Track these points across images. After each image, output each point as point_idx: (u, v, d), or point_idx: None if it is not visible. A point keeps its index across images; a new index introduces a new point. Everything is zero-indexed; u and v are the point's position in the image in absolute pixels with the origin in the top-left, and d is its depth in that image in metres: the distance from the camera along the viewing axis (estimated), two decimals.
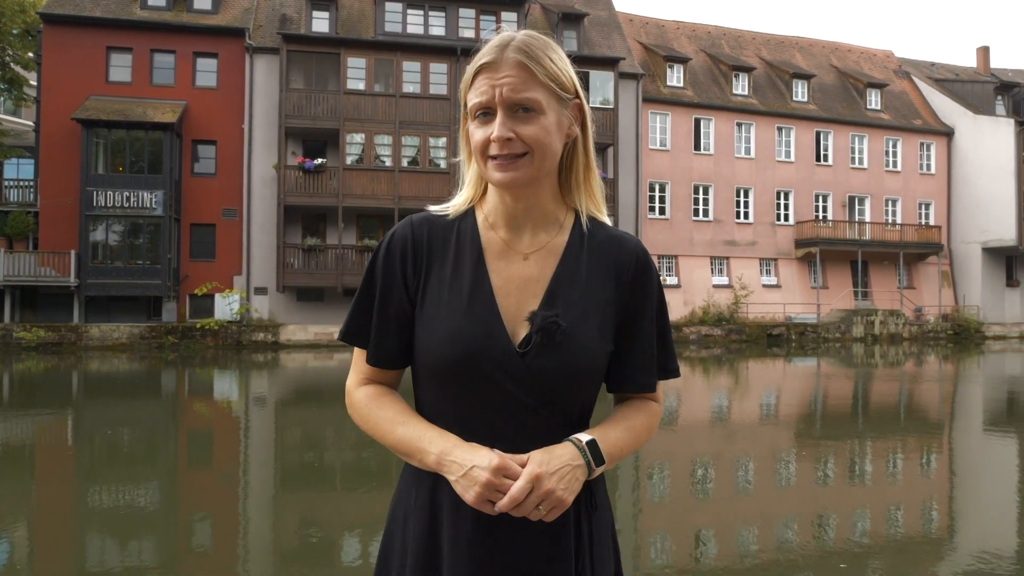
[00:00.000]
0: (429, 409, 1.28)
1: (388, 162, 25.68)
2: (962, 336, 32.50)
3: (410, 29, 26.94)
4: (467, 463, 1.17)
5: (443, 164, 25.87)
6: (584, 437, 1.23)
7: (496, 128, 1.20)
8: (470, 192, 1.33)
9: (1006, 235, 33.73)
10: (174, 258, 24.74)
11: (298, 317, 25.60)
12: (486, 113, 1.22)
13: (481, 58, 1.24)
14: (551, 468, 1.17)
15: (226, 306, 24.59)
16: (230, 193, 25.80)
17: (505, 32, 1.28)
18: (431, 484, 1.26)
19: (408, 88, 26.05)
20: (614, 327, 1.29)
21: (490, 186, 1.30)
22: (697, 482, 7.41)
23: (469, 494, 1.16)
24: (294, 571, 4.77)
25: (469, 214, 1.32)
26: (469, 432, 1.22)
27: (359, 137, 25.63)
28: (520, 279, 1.27)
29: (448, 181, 25.60)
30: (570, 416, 1.27)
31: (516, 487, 1.14)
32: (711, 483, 7.40)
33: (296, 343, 25.07)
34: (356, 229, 26.53)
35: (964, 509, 6.61)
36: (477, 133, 1.24)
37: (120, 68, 25.51)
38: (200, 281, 25.11)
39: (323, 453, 8.98)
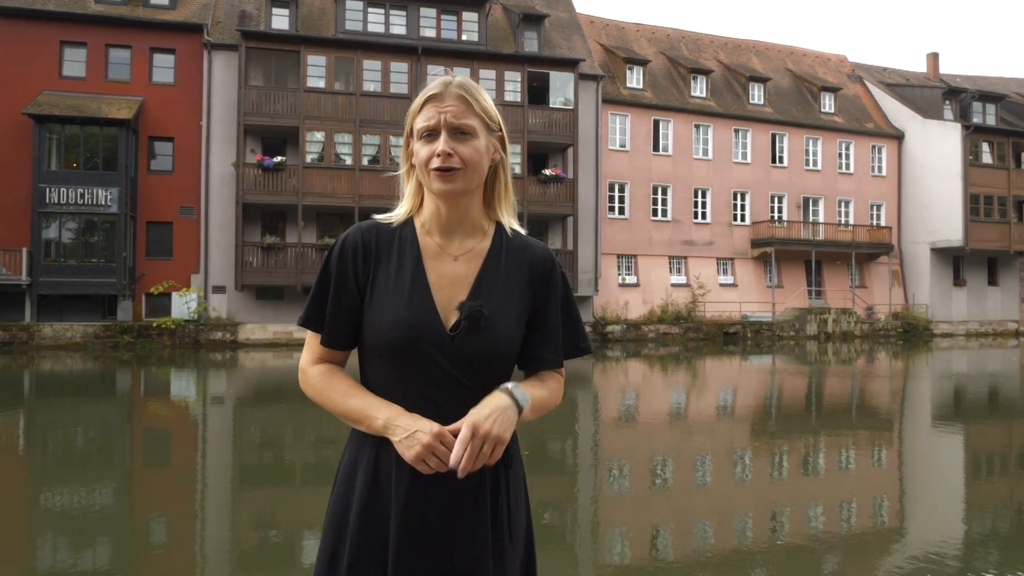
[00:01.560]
0: (374, 383, 1.54)
1: (348, 161, 25.56)
2: (911, 334, 33.40)
3: (371, 28, 26.84)
4: (411, 428, 1.43)
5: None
6: (509, 384, 1.51)
7: (440, 144, 1.48)
8: (409, 204, 1.60)
9: (953, 236, 34.73)
10: (130, 256, 24.34)
11: (257, 316, 25.37)
12: (431, 134, 1.50)
13: (429, 91, 1.52)
14: (484, 414, 1.44)
15: (183, 305, 24.27)
16: (188, 191, 25.46)
17: (455, 77, 1.57)
18: (375, 448, 1.51)
19: (369, 87, 25.96)
20: (527, 316, 1.58)
21: (427, 198, 1.57)
22: (657, 478, 7.59)
23: (410, 453, 1.42)
24: (253, 571, 4.81)
25: (409, 222, 1.59)
26: (408, 401, 1.48)
27: (319, 135, 25.47)
28: (451, 276, 1.54)
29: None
30: (489, 388, 1.51)
31: (461, 435, 1.40)
32: (670, 479, 7.58)
33: (255, 342, 24.84)
34: (316, 228, 26.36)
35: (913, 502, 6.88)
36: (423, 150, 1.51)
37: (74, 63, 25.00)
38: (156, 280, 24.74)
39: (282, 452, 8.97)
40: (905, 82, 40.31)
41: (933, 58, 43.02)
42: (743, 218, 33.84)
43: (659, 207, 32.25)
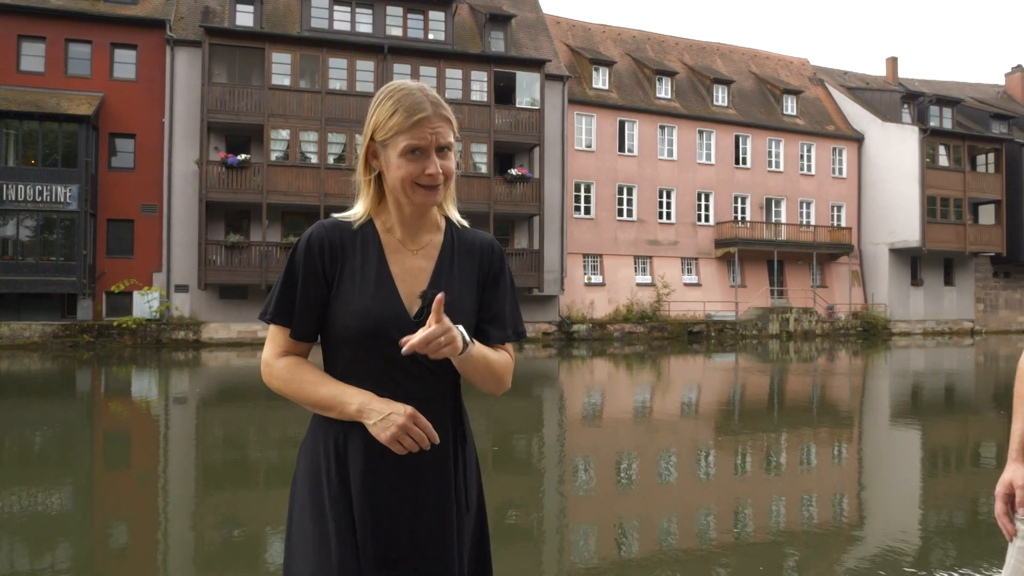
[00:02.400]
0: (341, 372, 1.63)
1: (314, 159, 25.38)
2: (871, 333, 34.06)
3: (337, 26, 26.67)
4: (385, 411, 1.54)
5: None
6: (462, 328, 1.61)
7: (434, 166, 1.59)
8: (366, 205, 1.68)
9: (911, 237, 35.47)
10: (90, 254, 23.90)
11: (220, 315, 25.07)
12: (415, 151, 1.58)
13: (418, 112, 1.58)
14: (445, 324, 1.52)
15: (145, 304, 23.91)
16: (149, 188, 25.07)
17: (419, 85, 1.63)
18: (342, 431, 1.60)
19: (334, 85, 25.79)
20: (478, 301, 1.71)
21: (391, 202, 1.66)
22: (622, 476, 7.68)
23: (385, 434, 1.52)
24: (217, 571, 4.79)
25: (369, 222, 1.68)
26: (375, 385, 1.59)
27: (284, 133, 25.24)
28: (413, 269, 1.66)
29: None
30: (448, 368, 1.65)
31: (429, 331, 1.48)
32: (635, 477, 7.68)
33: (219, 341, 24.56)
34: (281, 226, 26.13)
35: (872, 497, 7.05)
36: (409, 167, 1.59)
37: (33, 58, 24.48)
38: (117, 278, 24.33)
39: (246, 452, 8.90)
40: (865, 85, 41.08)
41: (892, 62, 43.89)
42: (707, 218, 34.22)
43: (624, 207, 32.49)
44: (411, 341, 1.49)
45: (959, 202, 36.09)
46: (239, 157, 24.58)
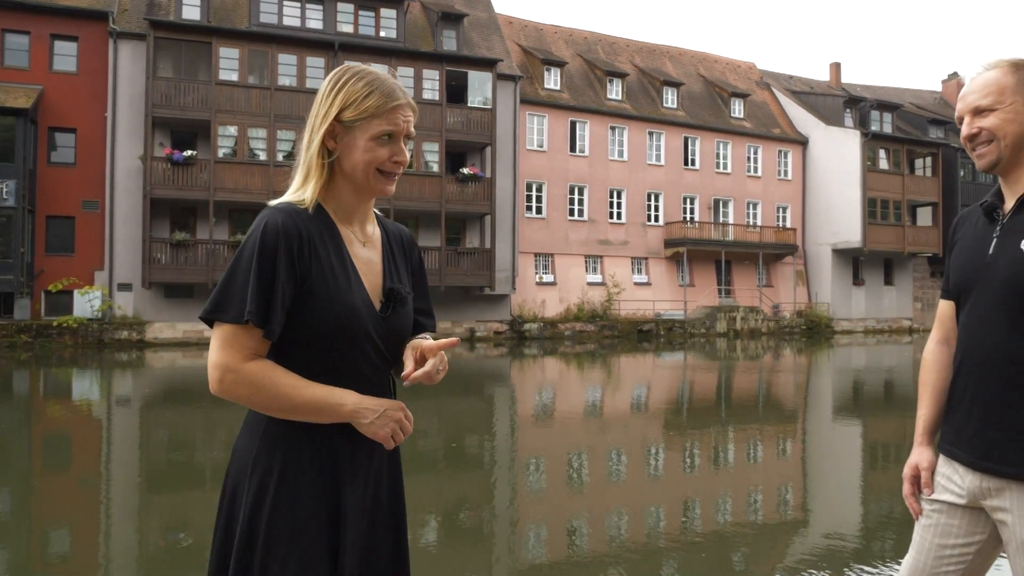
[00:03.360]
0: (309, 370, 1.51)
1: (263, 156, 24.99)
2: (814, 331, 34.90)
3: (286, 21, 26.30)
4: (380, 408, 1.50)
5: None
6: (427, 335, 1.69)
7: (403, 153, 1.57)
8: (315, 190, 1.56)
9: (853, 238, 36.43)
10: (28, 252, 23.15)
11: (166, 315, 24.52)
12: (388, 136, 1.55)
13: (395, 98, 1.55)
14: (443, 356, 1.60)
15: (86, 303, 23.26)
16: (91, 184, 24.39)
17: (385, 71, 1.62)
18: (326, 434, 1.52)
19: (284, 81, 25.43)
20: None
21: (342, 188, 1.58)
22: (572, 473, 7.74)
23: (384, 431, 1.50)
24: None
25: (320, 209, 1.56)
26: (344, 380, 1.52)
27: (232, 129, 24.80)
28: (367, 262, 1.60)
29: None
30: (396, 358, 1.64)
31: (431, 365, 1.55)
32: (585, 474, 7.75)
33: (164, 341, 24.03)
34: (228, 224, 25.67)
35: (815, 491, 7.23)
36: (379, 151, 1.54)
37: None
38: (57, 276, 23.61)
39: (192, 454, 8.75)
40: (809, 90, 42.06)
41: (836, 68, 45.00)
42: (657, 219, 34.65)
43: (575, 207, 32.70)
44: (415, 375, 1.53)
45: (898, 204, 37.18)
46: (185, 153, 24.08)
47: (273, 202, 1.56)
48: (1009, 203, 1.80)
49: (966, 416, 1.79)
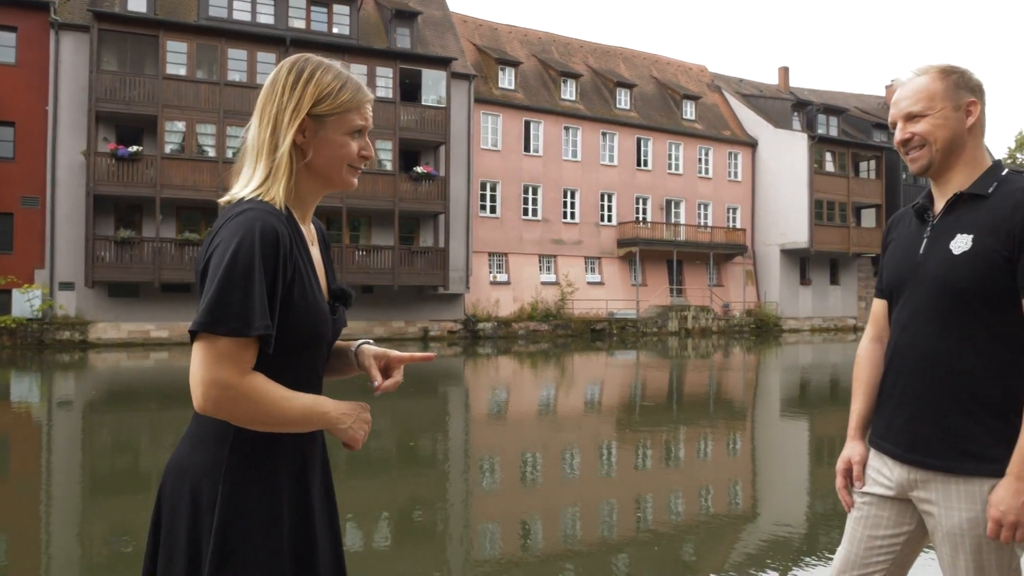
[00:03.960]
0: (286, 378, 1.43)
1: (212, 152, 24.51)
2: (763, 329, 35.56)
3: (236, 15, 25.83)
4: (355, 411, 1.48)
5: None
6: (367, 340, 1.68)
7: (371, 148, 1.56)
8: (285, 189, 1.46)
9: (800, 238, 37.22)
10: None
11: (110, 314, 23.89)
12: (360, 131, 1.52)
13: (365, 92, 1.53)
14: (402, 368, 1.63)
15: (25, 302, 22.52)
16: (31, 179, 23.60)
17: (347, 68, 1.55)
18: (297, 444, 1.48)
19: (234, 76, 24.97)
20: None
21: (305, 183, 1.51)
22: (526, 472, 7.75)
23: (360, 433, 1.49)
24: None
25: (287, 209, 1.47)
26: (305, 384, 1.47)
27: (180, 125, 24.27)
28: (317, 262, 1.55)
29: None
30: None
31: (398, 378, 1.59)
32: (539, 473, 7.77)
33: (108, 342, 23.41)
34: (176, 222, 25.12)
35: (764, 486, 7.36)
36: (354, 145, 1.51)
37: None
38: None
39: (137, 457, 8.54)
40: (759, 93, 42.83)
41: (784, 72, 45.91)
42: (610, 218, 34.93)
43: (529, 206, 32.79)
44: (386, 384, 1.55)
45: (844, 206, 38.09)
46: (130, 149, 23.47)
47: (226, 198, 1.47)
48: (939, 205, 1.85)
49: (895, 410, 1.85)
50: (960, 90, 1.79)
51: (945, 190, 1.84)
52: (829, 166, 38.21)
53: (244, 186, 1.46)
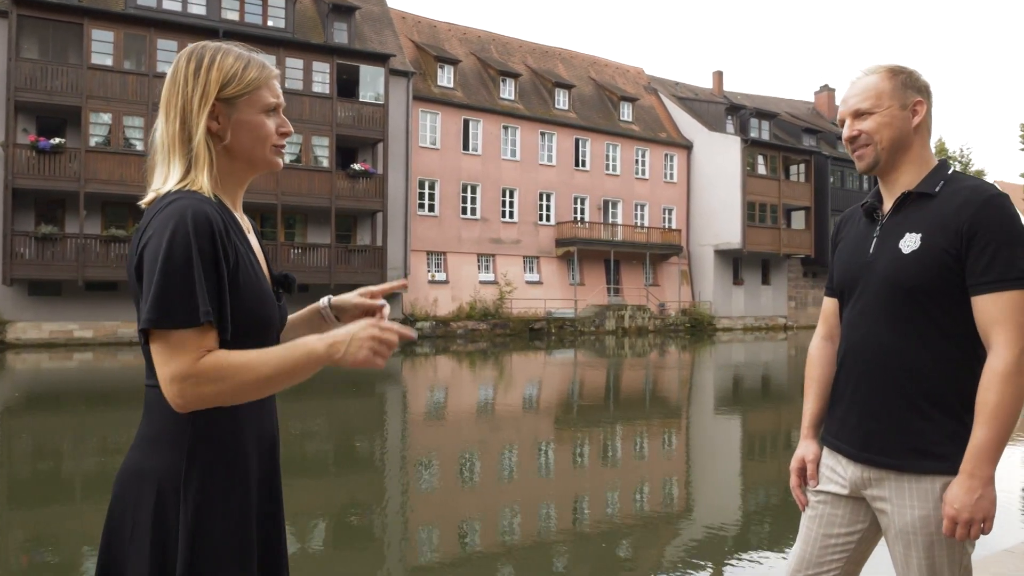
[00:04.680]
0: None
1: (139, 146, 23.71)
2: (698, 328, 36.24)
3: (166, 5, 25.05)
4: (347, 334, 1.35)
5: None
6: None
7: (287, 123, 1.50)
8: (210, 178, 1.43)
9: (733, 239, 38.06)
10: None
11: (30, 313, 22.90)
12: (274, 109, 1.49)
13: (269, 68, 1.50)
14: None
15: None
16: None
17: (249, 50, 1.51)
18: (256, 436, 1.46)
19: (163, 68, 24.17)
20: None
21: (224, 171, 1.46)
22: (464, 472, 7.70)
23: (363, 354, 1.34)
24: None
25: (215, 198, 1.43)
26: None
27: (106, 117, 23.42)
28: (257, 249, 1.52)
29: None
30: None
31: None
32: (476, 473, 7.73)
33: (28, 342, 22.44)
34: (101, 217, 24.22)
35: (698, 482, 7.47)
36: (270, 123, 1.47)
37: None
38: None
39: (60, 463, 8.19)
40: (694, 96, 43.63)
41: (718, 76, 46.88)
42: (548, 218, 35.10)
43: (468, 205, 32.71)
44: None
45: (775, 208, 39.10)
46: (52, 141, 22.54)
47: (148, 199, 1.42)
48: (887, 204, 1.86)
49: (848, 409, 1.86)
50: (908, 90, 1.81)
51: (893, 189, 1.85)
52: (761, 169, 39.16)
53: (163, 182, 1.42)
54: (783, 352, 25.38)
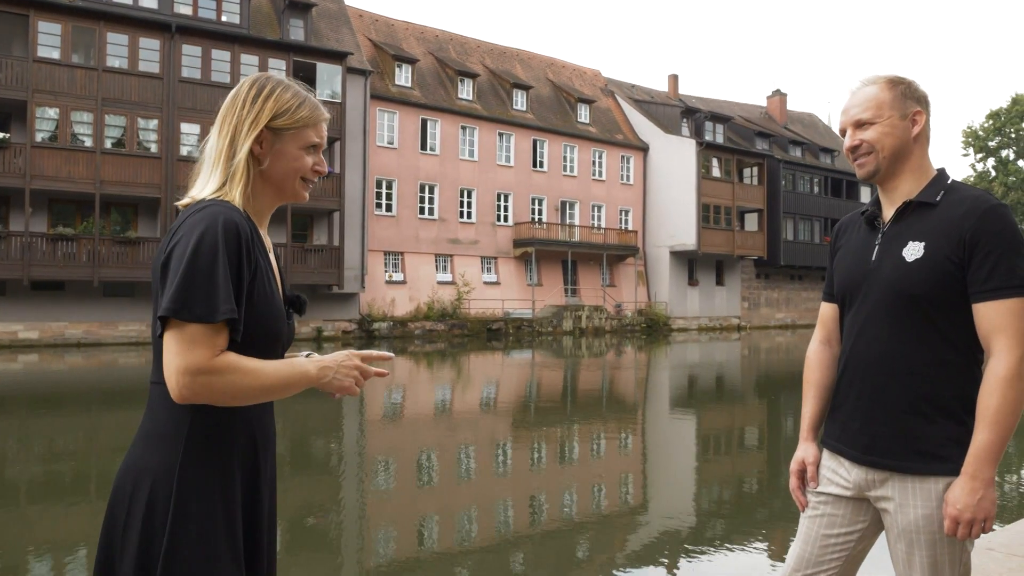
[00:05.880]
0: None
1: (88, 142, 23.14)
2: (653, 328, 36.63)
3: None
4: (335, 363, 1.52)
5: (154, 148, 23.85)
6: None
7: (325, 165, 1.64)
8: (244, 194, 1.54)
9: (688, 240, 38.55)
10: None
11: None
12: (315, 147, 1.62)
13: (322, 111, 1.63)
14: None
15: None
16: None
17: (308, 90, 1.64)
18: (250, 439, 1.52)
19: (113, 62, 23.66)
20: None
21: (261, 190, 1.59)
22: (422, 473, 7.68)
23: (348, 380, 1.53)
24: None
25: (245, 213, 1.53)
26: None
27: (52, 112, 22.80)
28: (275, 268, 1.61)
29: (159, 166, 23.72)
30: None
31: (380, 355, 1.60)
32: (435, 474, 7.71)
33: None
34: (47, 215, 23.57)
35: (655, 481, 7.56)
36: (308, 159, 1.60)
37: None
38: None
39: (1, 468, 7.97)
40: (650, 99, 44.09)
41: (674, 79, 47.43)
42: (506, 219, 35.15)
43: (426, 205, 32.59)
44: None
45: (728, 210, 39.71)
46: None
47: (185, 201, 1.52)
48: (888, 212, 1.91)
49: (851, 413, 1.90)
50: (907, 100, 1.86)
51: (893, 197, 1.89)
52: (715, 171, 39.73)
53: (201, 189, 1.53)
54: (736, 352, 25.79)
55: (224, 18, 26.24)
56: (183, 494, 1.41)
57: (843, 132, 1.93)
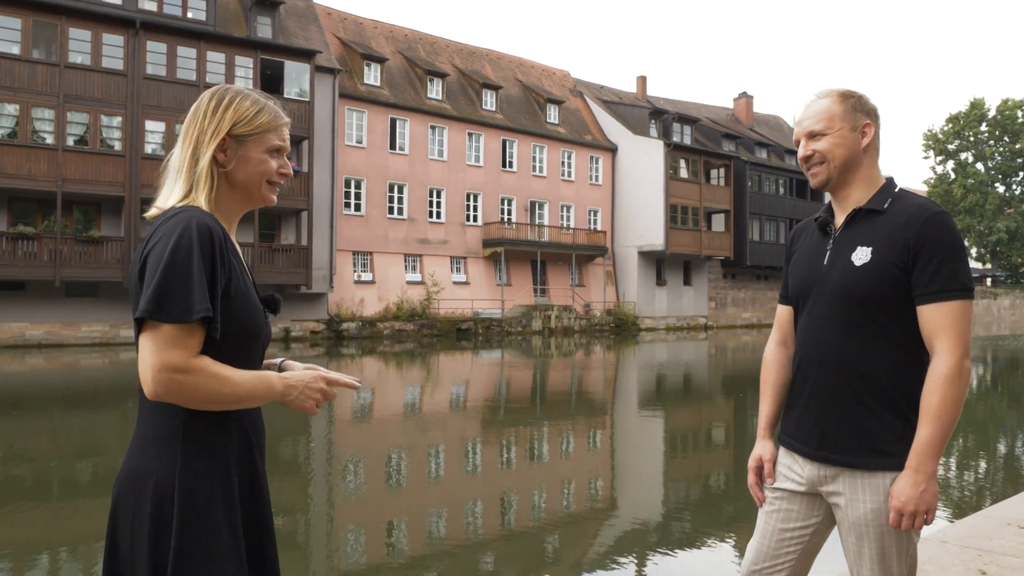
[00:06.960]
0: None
1: (49, 139, 22.72)
2: (622, 328, 36.87)
3: None
4: (301, 383, 1.56)
5: (118, 146, 23.48)
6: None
7: (289, 168, 1.70)
8: (209, 198, 1.58)
9: (656, 241, 38.87)
10: None
11: None
12: (278, 151, 1.68)
13: (282, 116, 1.69)
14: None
15: None
16: None
17: (267, 97, 1.70)
18: (244, 438, 1.56)
19: (76, 58, 23.26)
20: None
21: (227, 196, 1.63)
22: (392, 474, 7.68)
23: (310, 402, 1.57)
24: None
25: (214, 216, 1.57)
26: None
27: (11, 108, 22.34)
28: (247, 268, 1.64)
29: (123, 165, 23.35)
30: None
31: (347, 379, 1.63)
32: (405, 473, 7.72)
33: None
34: (7, 213, 23.11)
35: (623, 479, 7.64)
36: (272, 163, 1.66)
37: None
38: None
39: None
40: (619, 100, 44.36)
41: (642, 80, 47.78)
42: (475, 219, 35.15)
43: (395, 205, 32.48)
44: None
45: (696, 211, 40.10)
46: None
47: (152, 212, 1.57)
48: (839, 219, 1.99)
49: (804, 411, 1.98)
50: (857, 113, 1.94)
51: (844, 205, 1.98)
52: (683, 172, 40.09)
53: (167, 199, 1.58)
54: (704, 352, 26.07)
55: (190, 15, 25.92)
56: (186, 495, 1.45)
57: (797, 143, 2.01)
